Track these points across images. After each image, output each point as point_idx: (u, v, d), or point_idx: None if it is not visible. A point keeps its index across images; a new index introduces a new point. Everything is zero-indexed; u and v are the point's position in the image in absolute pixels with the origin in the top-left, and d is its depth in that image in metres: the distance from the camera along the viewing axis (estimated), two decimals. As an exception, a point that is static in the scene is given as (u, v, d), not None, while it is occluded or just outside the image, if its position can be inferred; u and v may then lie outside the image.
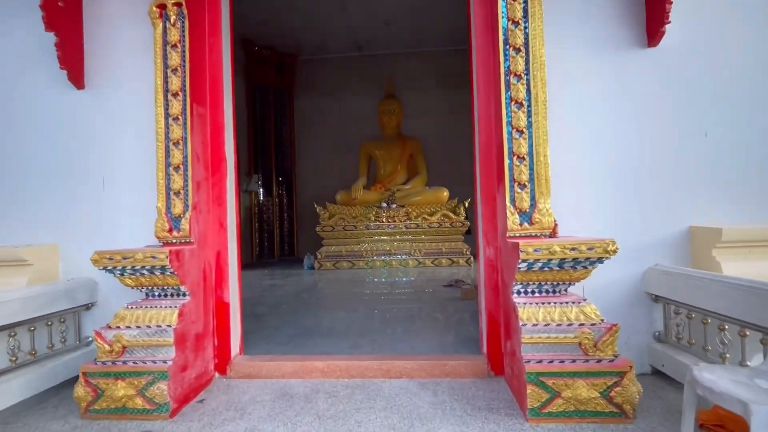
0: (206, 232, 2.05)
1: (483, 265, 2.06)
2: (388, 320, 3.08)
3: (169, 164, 1.95)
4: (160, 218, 1.95)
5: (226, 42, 2.25)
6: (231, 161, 2.25)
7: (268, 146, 8.49)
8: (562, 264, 1.64)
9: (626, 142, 2.09)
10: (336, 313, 3.36)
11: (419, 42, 8.23)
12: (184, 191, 1.94)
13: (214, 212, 2.11)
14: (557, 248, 1.60)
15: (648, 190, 2.07)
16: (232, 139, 2.26)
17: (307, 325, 3.02)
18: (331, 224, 6.70)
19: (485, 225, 2.03)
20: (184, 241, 1.94)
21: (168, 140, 1.95)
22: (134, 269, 1.78)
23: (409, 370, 2.04)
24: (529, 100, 1.82)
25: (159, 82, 1.96)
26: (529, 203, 1.81)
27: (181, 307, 1.83)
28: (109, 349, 1.75)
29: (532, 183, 1.81)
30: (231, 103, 2.27)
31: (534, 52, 1.82)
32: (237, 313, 2.26)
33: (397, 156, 7.55)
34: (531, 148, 1.81)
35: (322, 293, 4.43)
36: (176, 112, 1.95)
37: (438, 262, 6.42)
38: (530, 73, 1.82)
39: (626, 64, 2.06)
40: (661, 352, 1.91)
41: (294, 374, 2.08)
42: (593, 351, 1.59)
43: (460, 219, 6.55)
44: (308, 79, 8.84)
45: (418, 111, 8.44)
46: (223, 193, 2.16)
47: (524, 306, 1.69)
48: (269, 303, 3.93)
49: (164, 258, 1.73)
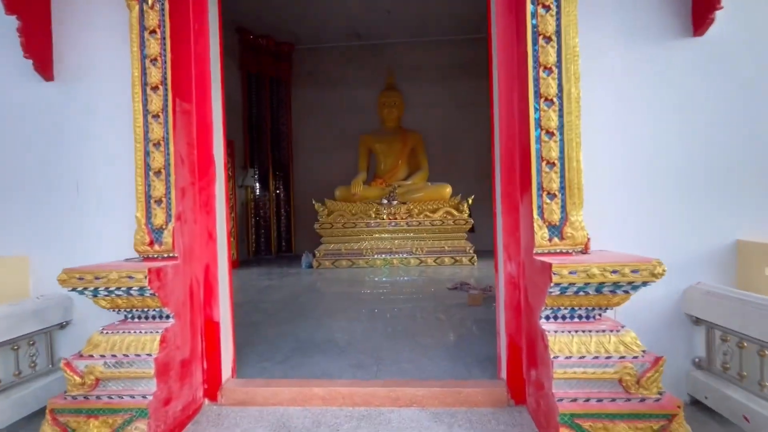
0: (193, 245, 1.82)
1: (503, 282, 1.85)
2: (393, 332, 2.88)
3: (148, 168, 1.71)
4: (139, 230, 1.72)
5: (214, 29, 2.00)
6: (220, 163, 2.01)
7: (265, 139, 8.21)
8: (600, 288, 1.42)
9: (665, 142, 1.87)
10: (336, 322, 3.15)
11: (422, 31, 7.92)
12: (166, 199, 1.71)
13: (201, 221, 1.88)
14: (596, 271, 1.38)
15: (689, 197, 1.85)
16: (221, 139, 2.02)
17: (305, 336, 2.82)
18: (329, 221, 6.47)
19: (506, 238, 1.81)
20: (166, 256, 1.71)
21: (147, 141, 1.71)
22: (108, 290, 1.55)
23: (420, 397, 1.84)
24: (560, 97, 1.58)
25: (136, 74, 1.71)
26: (560, 216, 1.59)
27: (164, 332, 1.61)
28: (80, 381, 1.53)
29: (563, 192, 1.59)
30: (220, 98, 2.03)
31: (567, 41, 1.58)
32: (229, 332, 2.04)
33: (398, 150, 7.30)
34: (562, 153, 1.59)
35: (321, 296, 4.22)
36: (156, 108, 1.70)
37: (440, 261, 6.22)
38: (562, 65, 1.58)
39: (667, 56, 1.83)
40: (703, 383, 1.71)
41: (292, 402, 1.88)
42: (636, 389, 1.38)
43: (464, 216, 6.34)
44: (306, 69, 8.53)
45: (419, 103, 8.17)
46: (211, 200, 1.93)
47: (555, 334, 1.48)
48: (265, 309, 3.72)
49: (142, 278, 1.51)
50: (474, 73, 8.20)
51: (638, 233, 1.89)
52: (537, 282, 1.57)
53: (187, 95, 1.81)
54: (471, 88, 8.23)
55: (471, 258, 6.16)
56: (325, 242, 6.50)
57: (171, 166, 1.71)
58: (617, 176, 1.91)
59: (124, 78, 1.85)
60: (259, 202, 8.21)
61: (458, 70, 8.24)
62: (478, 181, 8.08)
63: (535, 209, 1.59)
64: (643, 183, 1.90)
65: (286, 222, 8.51)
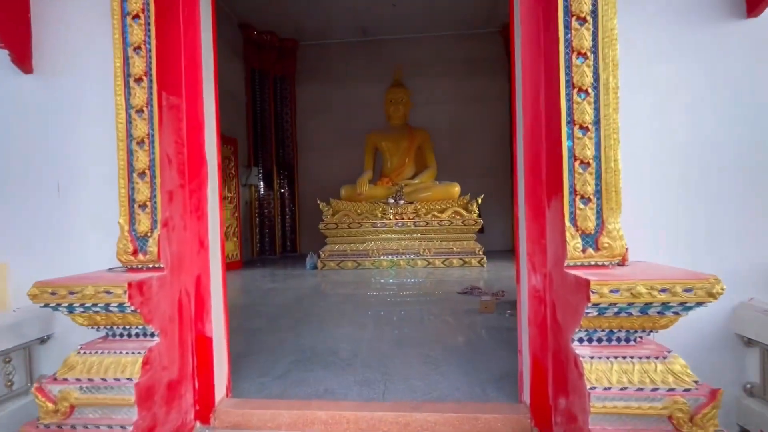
0: (182, 253, 1.65)
1: (526, 296, 1.65)
2: (401, 342, 2.70)
3: (132, 169, 1.54)
4: (122, 237, 1.55)
5: (206, 14, 1.82)
6: (213, 164, 1.83)
7: (269, 137, 8.06)
8: (646, 309, 1.23)
9: (710, 138, 1.66)
10: (340, 330, 2.98)
11: (429, 25, 7.71)
12: (151, 203, 1.54)
13: (191, 228, 1.70)
14: (642, 289, 1.18)
15: (740, 199, 1.64)
16: (215, 137, 1.84)
17: (307, 346, 2.64)
18: (334, 221, 6.30)
19: (530, 246, 1.61)
20: (152, 267, 1.54)
21: (130, 139, 1.54)
22: (85, 307, 1.39)
23: (433, 424, 1.65)
24: (596, 87, 1.38)
25: (118, 64, 1.54)
26: (595, 223, 1.39)
27: (148, 353, 1.44)
28: (54, 408, 1.37)
29: (599, 196, 1.39)
30: (213, 91, 1.85)
31: (604, 23, 1.38)
32: (223, 348, 1.87)
33: (405, 148, 7.10)
34: (598, 151, 1.38)
35: (326, 300, 4.05)
36: (140, 102, 1.53)
37: (449, 263, 6.03)
38: (599, 50, 1.38)
39: (716, 40, 1.62)
40: (757, 412, 1.51)
41: (292, 426, 1.70)
42: (688, 427, 1.18)
43: (473, 216, 6.13)
44: (310, 65, 8.35)
45: (426, 100, 7.96)
46: (203, 204, 1.75)
47: (591, 361, 1.29)
48: (267, 313, 3.56)
49: (122, 293, 1.34)
50: (483, 68, 7.98)
51: (677, 240, 1.69)
52: (569, 299, 1.37)
53: (175, 88, 1.63)
54: (480, 83, 8.00)
55: (480, 260, 5.96)
56: (330, 243, 6.34)
57: (156, 166, 1.53)
58: (651, 174, 1.71)
59: (110, 70, 1.68)
60: (263, 201, 8.07)
61: (466, 65, 8.01)
62: (487, 179, 7.87)
63: (566, 215, 1.39)
64: (683, 183, 1.70)
65: (291, 221, 8.36)
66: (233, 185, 6.58)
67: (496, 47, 7.89)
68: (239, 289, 4.99)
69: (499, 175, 7.95)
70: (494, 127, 7.98)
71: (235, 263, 6.53)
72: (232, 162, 6.61)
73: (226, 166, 6.48)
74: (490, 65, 7.94)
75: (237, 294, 4.64)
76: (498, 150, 7.98)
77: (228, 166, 6.52)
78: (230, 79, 7.30)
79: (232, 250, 6.53)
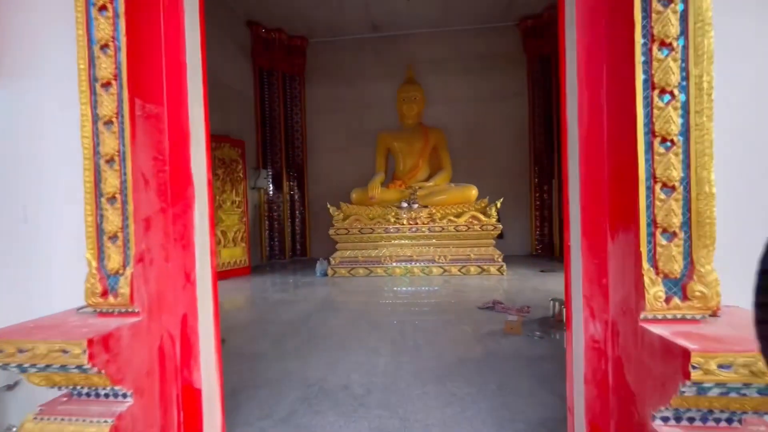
0: (163, 291, 1.38)
1: (582, 346, 1.34)
2: (419, 373, 2.40)
3: (100, 193, 1.28)
4: (90, 275, 1.29)
5: (192, 7, 1.54)
6: (203, 181, 1.56)
7: (278, 138, 7.83)
8: (765, 391, 0.90)
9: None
10: (352, 356, 2.70)
11: (443, 20, 7.35)
12: (123, 235, 1.27)
13: (175, 259, 1.43)
14: (764, 368, 0.86)
15: None
16: (203, 150, 1.57)
17: (316, 378, 2.37)
18: (345, 226, 6.03)
19: (588, 287, 1.30)
20: (125, 311, 1.28)
21: (98, 156, 1.27)
22: (38, 367, 1.13)
23: (466, 501, 1.35)
24: (685, 88, 1.06)
25: (82, 66, 1.27)
26: (682, 264, 1.07)
27: (117, 421, 1.17)
28: (1, 492, 1.11)
29: (687, 229, 1.07)
30: (202, 96, 1.57)
31: (696, 3, 1.05)
32: (215, 400, 1.60)
33: (419, 149, 6.78)
34: (687, 171, 1.06)
35: (336, 316, 3.78)
36: (108, 112, 1.26)
37: (466, 270, 5.70)
38: (689, 40, 1.05)
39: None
40: None
41: (294, 496, 1.43)
42: None
43: (492, 221, 5.79)
44: (320, 63, 8.08)
45: (440, 98, 7.62)
46: (189, 230, 1.48)
47: (683, 451, 0.97)
48: (272, 333, 3.30)
49: (80, 353, 1.07)
50: (500, 64, 7.59)
51: None
52: (649, 364, 1.06)
53: (153, 94, 1.36)
54: (496, 80, 7.62)
55: (500, 267, 5.62)
56: (341, 249, 6.07)
57: (129, 189, 1.26)
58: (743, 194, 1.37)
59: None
60: (273, 204, 7.85)
61: (483, 61, 7.63)
62: (504, 180, 7.50)
63: (644, 255, 1.07)
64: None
65: (301, 224, 8.13)
66: (241, 189, 6.36)
67: (514, 42, 7.49)
68: (245, 300, 4.76)
69: (517, 176, 7.57)
70: (512, 125, 7.60)
71: (243, 269, 6.33)
72: (240, 165, 6.39)
73: (233, 169, 6.27)
74: (508, 61, 7.55)
75: (242, 306, 4.41)
76: (516, 150, 7.60)
77: (236, 169, 6.31)
78: (238, 78, 7.08)
79: (240, 256, 6.33)
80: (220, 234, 5.98)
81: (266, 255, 7.76)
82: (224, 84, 6.52)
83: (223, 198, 6.06)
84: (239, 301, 4.71)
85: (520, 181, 7.56)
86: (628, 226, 1.14)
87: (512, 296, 4.34)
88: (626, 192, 1.13)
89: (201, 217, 1.52)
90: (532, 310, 3.67)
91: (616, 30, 1.16)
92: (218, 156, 6.02)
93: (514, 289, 4.74)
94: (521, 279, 5.30)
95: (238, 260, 6.29)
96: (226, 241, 6.10)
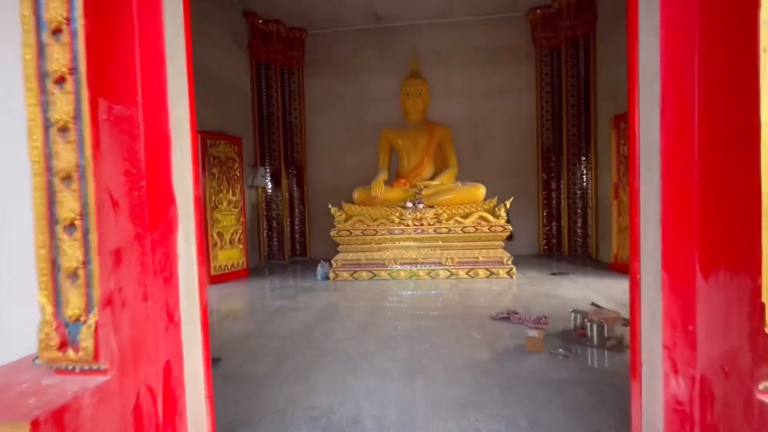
0: (140, 339, 1.12)
1: (661, 406, 1.08)
2: (437, 404, 2.15)
3: (55, 220, 1.01)
4: (44, 323, 1.02)
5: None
6: (189, 196, 1.28)
7: (276, 134, 7.54)
8: None
9: None
10: (361, 381, 2.45)
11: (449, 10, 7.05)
12: (85, 271, 1.00)
13: (155, 296, 1.16)
14: None
15: None
16: (190, 158, 1.29)
17: (322, 408, 2.12)
18: (347, 228, 5.77)
19: (669, 333, 1.04)
20: (88, 368, 1.01)
21: (51, 173, 1.00)
22: (-31, 452, 0.86)
23: None
24: (827, 85, 0.79)
25: (29, 57, 0.99)
26: (818, 319, 0.81)
27: None
28: None
29: (824, 273, 0.81)
30: (187, 95, 1.29)
31: None
32: (205, 459, 1.34)
33: (424, 146, 6.50)
34: (827, 196, 0.80)
35: (341, 327, 3.52)
36: (62, 115, 0.98)
37: (474, 273, 5.47)
38: (833, 20, 0.79)
39: None
40: None
41: None
42: None
43: (500, 222, 5.54)
44: (320, 56, 7.76)
45: (445, 92, 7.33)
46: (171, 259, 1.21)
47: None
48: (272, 348, 3.05)
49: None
50: (507, 57, 7.29)
51: None
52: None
53: (123, 93, 1.08)
54: (504, 73, 7.33)
55: (509, 270, 5.38)
56: (343, 251, 5.81)
57: (91, 213, 0.99)
58: None
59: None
60: (271, 203, 7.58)
61: (490, 53, 7.33)
62: (511, 179, 7.25)
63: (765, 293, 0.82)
64: None
65: (300, 224, 7.86)
66: (238, 188, 6.08)
67: (523, 34, 7.19)
68: (242, 308, 4.50)
69: (525, 174, 7.31)
70: (520, 121, 7.32)
71: (241, 272, 6.07)
72: (237, 162, 6.10)
73: (230, 168, 5.98)
74: (516, 54, 7.25)
75: (239, 315, 4.16)
76: (523, 147, 7.33)
77: (232, 168, 6.02)
78: (234, 72, 6.76)
79: (237, 258, 6.07)
80: (217, 236, 5.71)
81: (265, 256, 7.50)
82: (219, 78, 6.21)
83: (220, 198, 5.79)
84: (236, 308, 4.46)
85: (527, 179, 7.31)
86: (732, 264, 0.88)
87: (525, 303, 4.10)
88: (726, 220, 0.87)
89: (186, 242, 1.25)
90: (549, 321, 3.43)
91: (719, 9, 0.89)
92: (213, 154, 5.73)
93: (525, 294, 4.50)
94: (532, 283, 5.06)
95: (236, 263, 6.03)
96: (223, 243, 5.83)
